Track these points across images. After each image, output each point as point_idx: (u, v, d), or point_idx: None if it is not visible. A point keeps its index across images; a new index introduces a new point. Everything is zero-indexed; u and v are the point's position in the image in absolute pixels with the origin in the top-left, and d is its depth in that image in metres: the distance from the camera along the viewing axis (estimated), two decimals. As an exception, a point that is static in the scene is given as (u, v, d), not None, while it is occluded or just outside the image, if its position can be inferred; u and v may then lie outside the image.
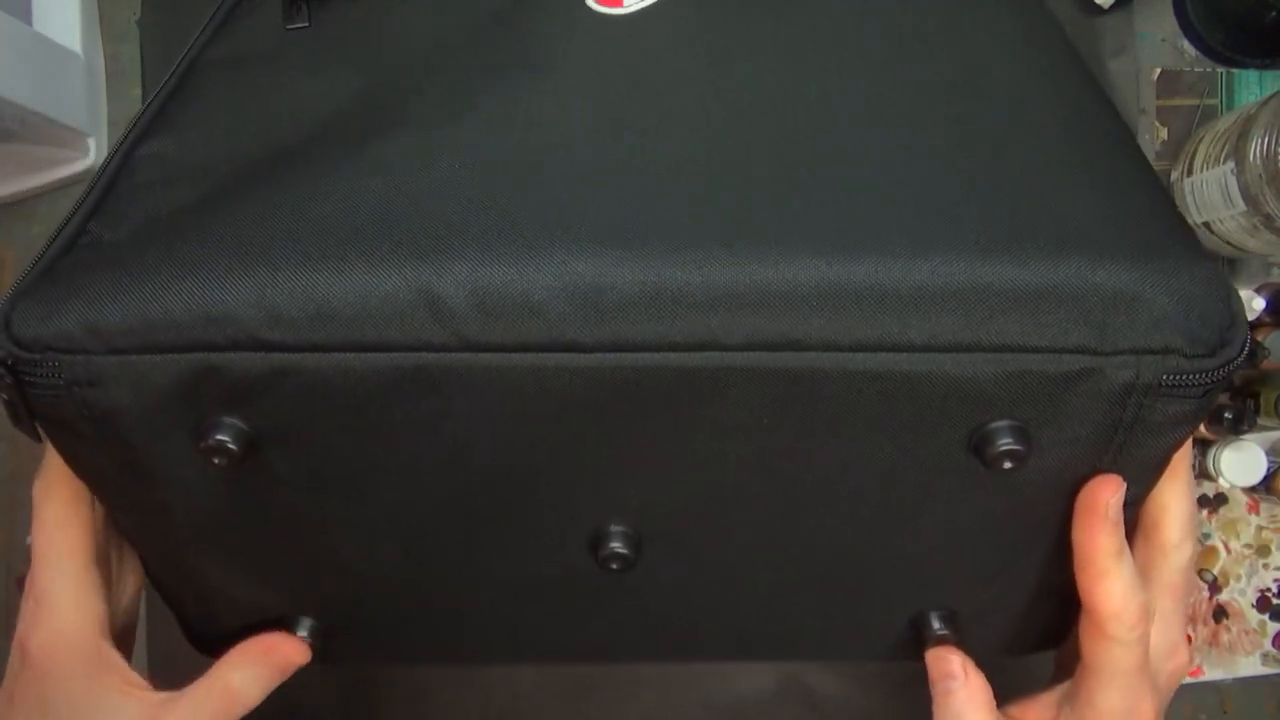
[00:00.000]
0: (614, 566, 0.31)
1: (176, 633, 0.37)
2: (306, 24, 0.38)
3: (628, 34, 0.35)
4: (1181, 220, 0.29)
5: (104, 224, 0.29)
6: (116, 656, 0.32)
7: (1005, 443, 0.27)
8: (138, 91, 0.59)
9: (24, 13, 0.55)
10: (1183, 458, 0.32)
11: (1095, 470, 0.29)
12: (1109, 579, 0.32)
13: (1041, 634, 0.36)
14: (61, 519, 0.32)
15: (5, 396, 0.27)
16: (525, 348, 0.26)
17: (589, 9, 0.36)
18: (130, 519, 0.32)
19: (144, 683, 0.33)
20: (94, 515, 0.33)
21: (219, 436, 0.27)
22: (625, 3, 0.36)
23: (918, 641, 0.35)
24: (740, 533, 0.32)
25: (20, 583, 0.58)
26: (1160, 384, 0.27)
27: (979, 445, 0.28)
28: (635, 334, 0.26)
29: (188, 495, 0.30)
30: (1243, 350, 0.27)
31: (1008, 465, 0.28)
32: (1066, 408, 0.27)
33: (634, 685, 0.55)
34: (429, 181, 0.28)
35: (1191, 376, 0.27)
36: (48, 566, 0.32)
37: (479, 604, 0.35)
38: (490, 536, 0.32)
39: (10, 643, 0.33)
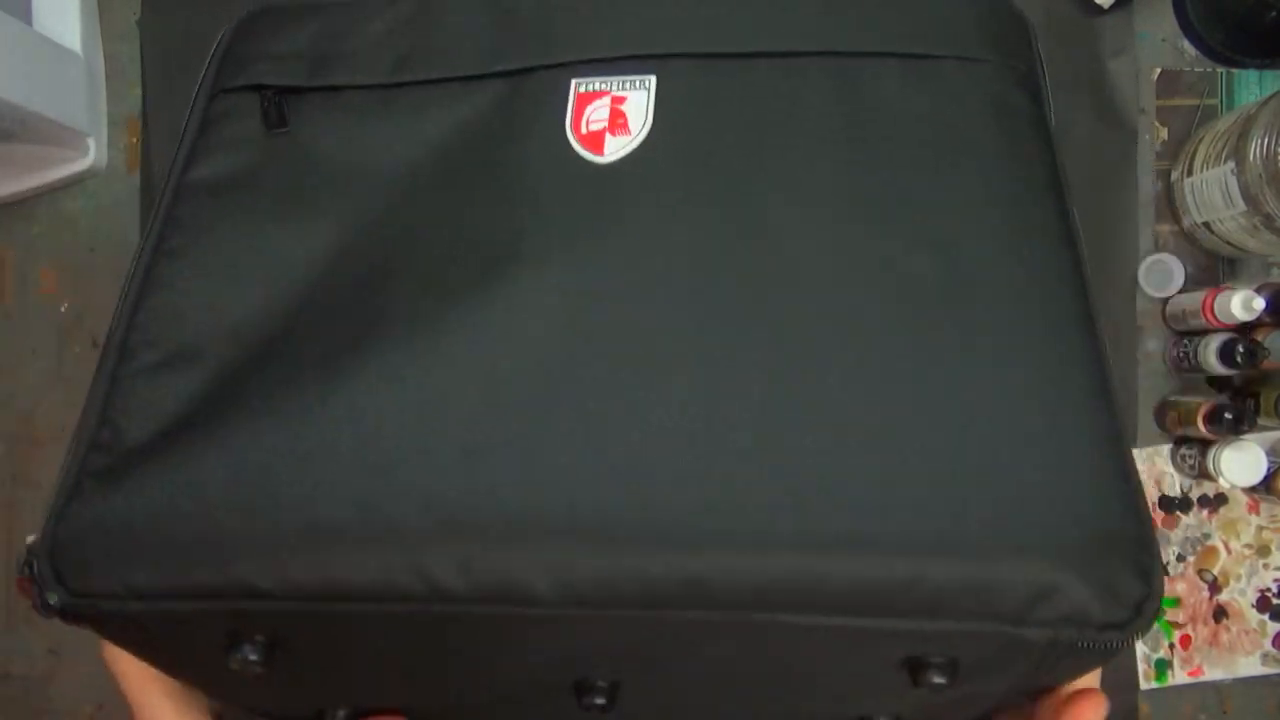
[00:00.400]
0: (594, 713, 0.34)
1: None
2: (287, 129, 0.39)
3: (607, 210, 0.35)
4: (1129, 480, 0.31)
5: (119, 422, 0.33)
6: None
7: (935, 674, 0.30)
8: (138, 91, 0.59)
9: (24, 13, 0.55)
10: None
11: (1018, 686, 0.32)
12: None
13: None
14: (140, 668, 0.36)
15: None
16: (492, 600, 0.29)
17: (572, 152, 0.36)
18: (176, 677, 0.37)
19: None
20: None
21: (244, 652, 0.31)
22: (606, 150, 0.36)
23: None
24: (705, 693, 0.36)
25: (20, 583, 0.58)
26: (1074, 646, 0.29)
27: (912, 669, 0.31)
28: (593, 592, 0.29)
29: (222, 676, 0.34)
30: (1155, 617, 0.30)
31: (936, 687, 0.31)
32: (991, 657, 0.30)
33: None
34: (402, 418, 0.31)
35: (1103, 644, 0.29)
36: (149, 710, 0.36)
37: (483, 712, 0.39)
38: (485, 692, 0.36)
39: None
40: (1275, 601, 0.57)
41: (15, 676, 0.57)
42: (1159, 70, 0.58)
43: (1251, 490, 0.55)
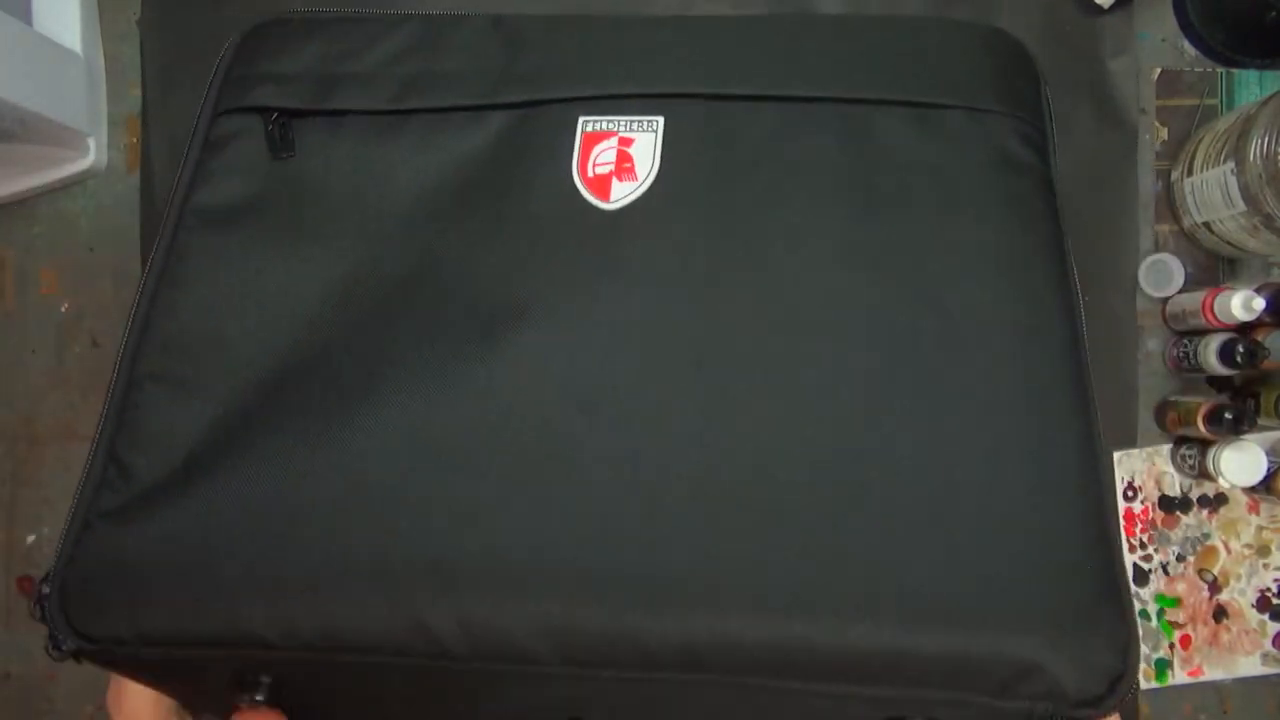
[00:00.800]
0: None
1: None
2: (292, 154, 0.38)
3: (611, 262, 0.35)
4: (1109, 557, 0.31)
5: (125, 460, 0.34)
6: None
7: None
8: (138, 92, 0.59)
9: (24, 13, 0.55)
10: None
11: None
12: None
13: None
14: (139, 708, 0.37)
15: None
16: (494, 659, 0.30)
17: (577, 196, 0.36)
18: (189, 707, 0.37)
19: None
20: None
21: (249, 692, 0.32)
22: (612, 196, 0.36)
23: None
24: None
25: (20, 583, 0.58)
26: (1049, 717, 0.31)
27: None
28: (592, 656, 0.30)
29: (230, 709, 0.35)
30: (1129, 692, 0.31)
31: None
32: None
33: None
34: (410, 494, 0.31)
35: (1077, 717, 0.31)
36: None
37: None
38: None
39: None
40: (1275, 601, 0.57)
41: (15, 676, 0.57)
42: (1159, 70, 0.58)
43: (1251, 490, 0.55)
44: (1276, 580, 0.58)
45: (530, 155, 0.37)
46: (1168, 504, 0.58)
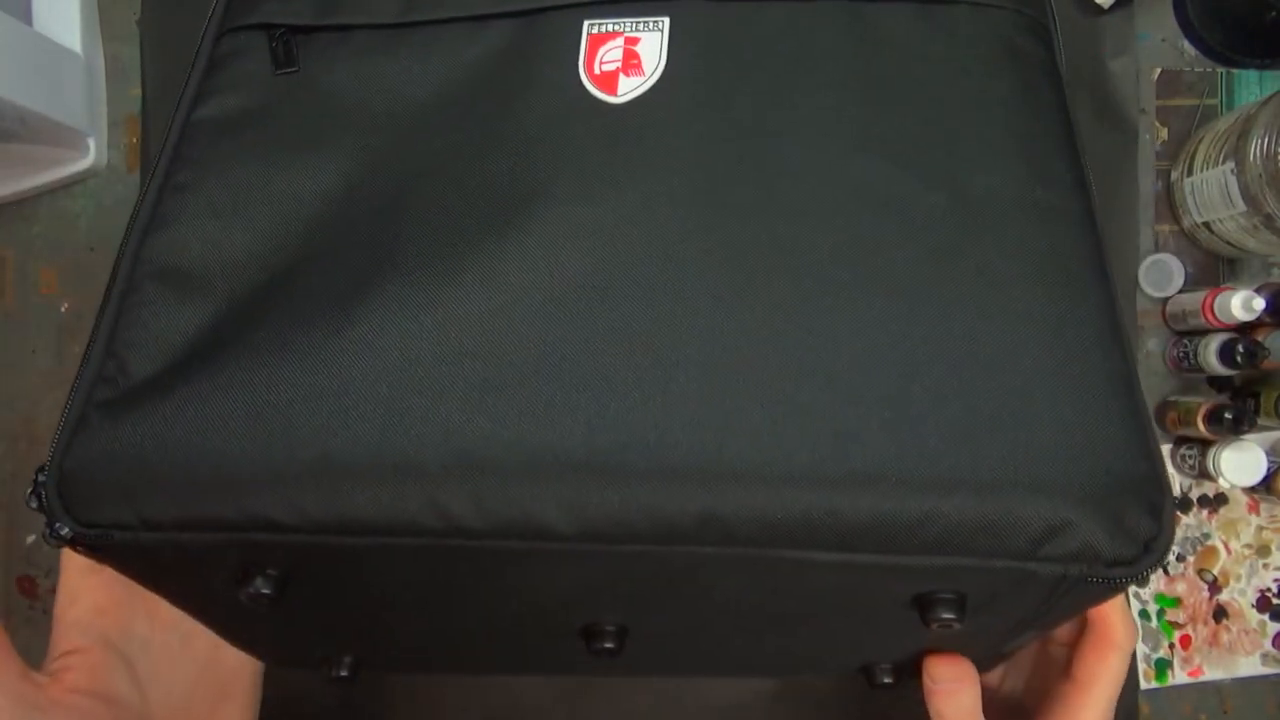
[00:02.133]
0: (601, 656, 0.35)
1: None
2: (296, 68, 0.38)
3: (621, 149, 0.35)
4: (1139, 419, 0.31)
5: (125, 354, 0.33)
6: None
7: (944, 612, 0.31)
8: (138, 91, 0.59)
9: (24, 13, 0.55)
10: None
11: (1025, 623, 0.33)
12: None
13: (983, 668, 0.41)
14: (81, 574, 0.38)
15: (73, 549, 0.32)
16: (511, 535, 0.29)
17: (585, 92, 0.36)
18: (186, 610, 0.37)
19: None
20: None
21: (255, 585, 0.31)
22: (620, 90, 0.36)
23: (869, 681, 0.40)
24: (713, 634, 0.36)
25: (20, 582, 0.58)
26: (1084, 581, 0.30)
27: (921, 606, 0.31)
28: (612, 528, 0.29)
29: (233, 609, 0.34)
30: (1165, 554, 0.30)
31: (944, 626, 0.31)
32: (999, 593, 0.31)
33: (633, 685, 0.55)
34: (418, 357, 0.31)
35: (1114, 581, 0.30)
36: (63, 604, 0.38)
37: (486, 657, 0.40)
38: (493, 631, 0.37)
39: (13, 642, 0.35)
40: (1275, 601, 0.57)
41: (15, 676, 0.57)
42: (1159, 70, 0.58)
43: (1251, 490, 0.55)
44: (1276, 580, 0.58)
45: (536, 58, 0.37)
46: (1168, 504, 0.58)
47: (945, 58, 0.36)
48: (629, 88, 0.36)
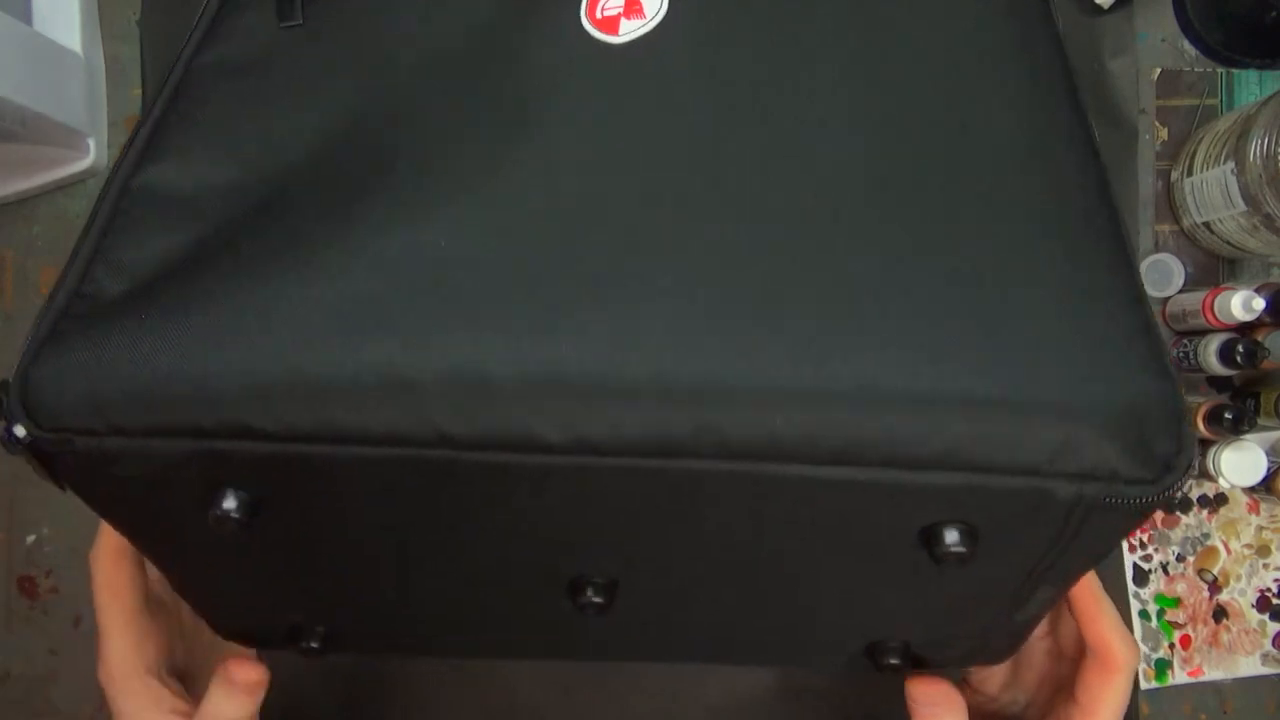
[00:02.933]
0: (590, 612, 0.34)
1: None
2: (300, 21, 0.38)
3: (621, 80, 0.35)
4: (1150, 332, 0.30)
5: (106, 271, 0.31)
6: (157, 686, 0.39)
7: (953, 544, 0.29)
8: (138, 92, 0.59)
9: (24, 13, 0.55)
10: (1091, 587, 0.37)
11: (1038, 563, 0.31)
12: (1106, 610, 0.37)
13: (990, 657, 0.39)
14: (109, 580, 0.38)
15: (30, 463, 0.30)
16: (500, 446, 0.28)
17: (586, 34, 0.36)
18: (148, 552, 0.36)
19: (185, 707, 0.39)
20: (142, 574, 0.39)
21: (224, 507, 0.30)
22: (621, 30, 0.36)
23: (874, 662, 0.38)
24: (706, 587, 0.34)
25: (20, 582, 0.58)
26: (1102, 503, 0.28)
27: (928, 541, 0.30)
28: (605, 437, 0.28)
29: (199, 542, 0.33)
30: (1187, 473, 0.29)
31: (953, 561, 0.30)
32: (1012, 519, 0.29)
33: (633, 685, 0.55)
34: (414, 267, 0.30)
35: (1133, 500, 0.28)
36: (99, 618, 0.39)
37: (468, 623, 0.38)
38: (476, 582, 0.35)
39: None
40: (1275, 601, 0.57)
41: (15, 676, 0.57)
42: (1159, 70, 0.58)
43: (1251, 490, 0.55)
44: (1276, 580, 0.58)
45: (538, 5, 0.37)
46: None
47: (945, 6, 0.37)
48: (630, 29, 0.36)
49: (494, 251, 0.30)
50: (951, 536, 0.29)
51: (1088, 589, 0.37)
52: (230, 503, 0.29)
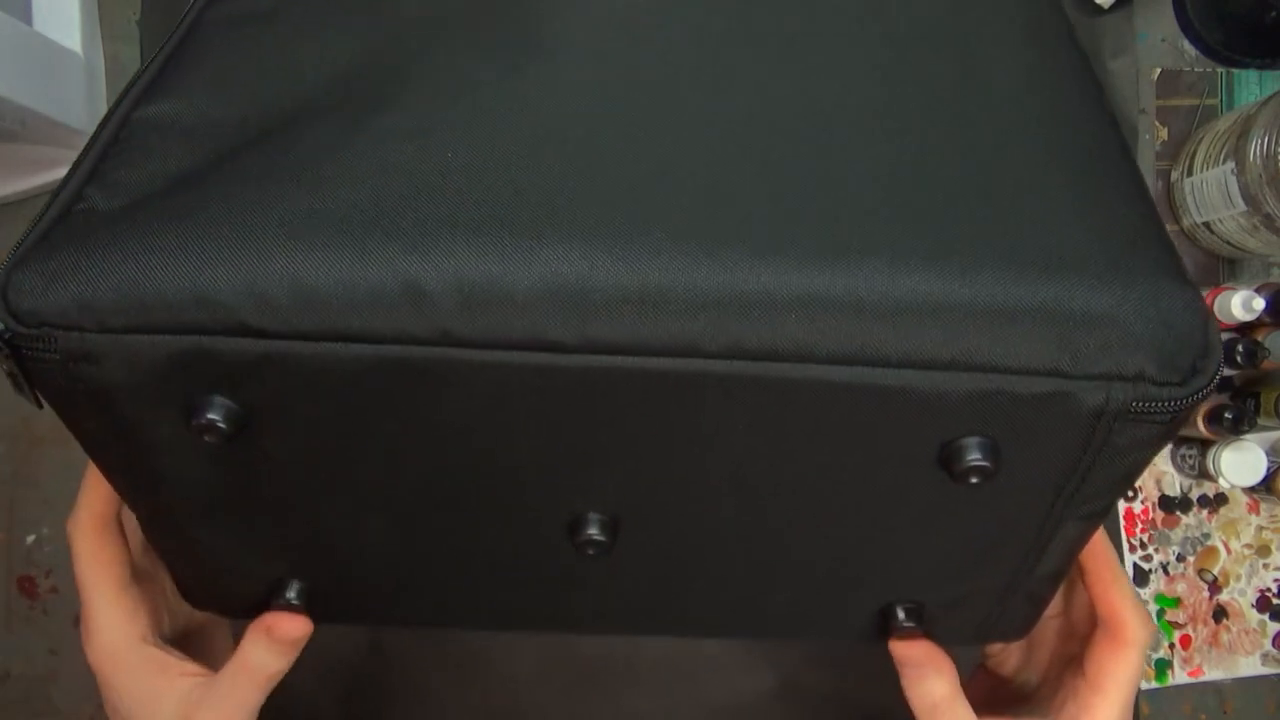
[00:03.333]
0: (590, 552, 0.32)
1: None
2: None
3: (630, 11, 0.34)
4: (1167, 243, 0.30)
5: (100, 190, 0.30)
6: (159, 653, 0.37)
7: (974, 459, 0.28)
8: (138, 91, 0.59)
9: (24, 13, 0.55)
10: (1108, 557, 0.36)
11: (1063, 486, 0.30)
12: (1121, 581, 0.35)
13: (1005, 628, 0.38)
14: (94, 552, 0.37)
15: (5, 368, 0.28)
16: (508, 345, 0.27)
17: None
18: (125, 485, 0.33)
19: (195, 668, 0.37)
20: (125, 544, 0.38)
21: (209, 415, 0.28)
22: None
23: (885, 630, 0.37)
24: (714, 527, 0.33)
25: (20, 582, 0.58)
26: (1130, 409, 0.27)
27: (948, 459, 0.28)
28: (616, 336, 0.27)
29: (180, 467, 0.31)
30: (1214, 378, 0.27)
31: (975, 480, 0.28)
32: (1036, 428, 0.28)
33: (633, 684, 0.55)
34: (421, 173, 0.29)
35: (1161, 404, 0.27)
36: (86, 592, 0.37)
37: (462, 576, 0.36)
38: (472, 517, 0.33)
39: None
40: (1275, 601, 0.57)
41: (15, 676, 0.57)
42: (1159, 70, 0.58)
43: (1251, 490, 0.55)
44: (1276, 580, 0.58)
45: None
46: (1168, 504, 0.58)
47: None
48: None
49: (503, 162, 0.29)
50: (972, 451, 0.28)
51: (1103, 556, 0.36)
52: (216, 412, 0.28)
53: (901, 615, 0.36)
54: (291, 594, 0.36)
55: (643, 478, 0.31)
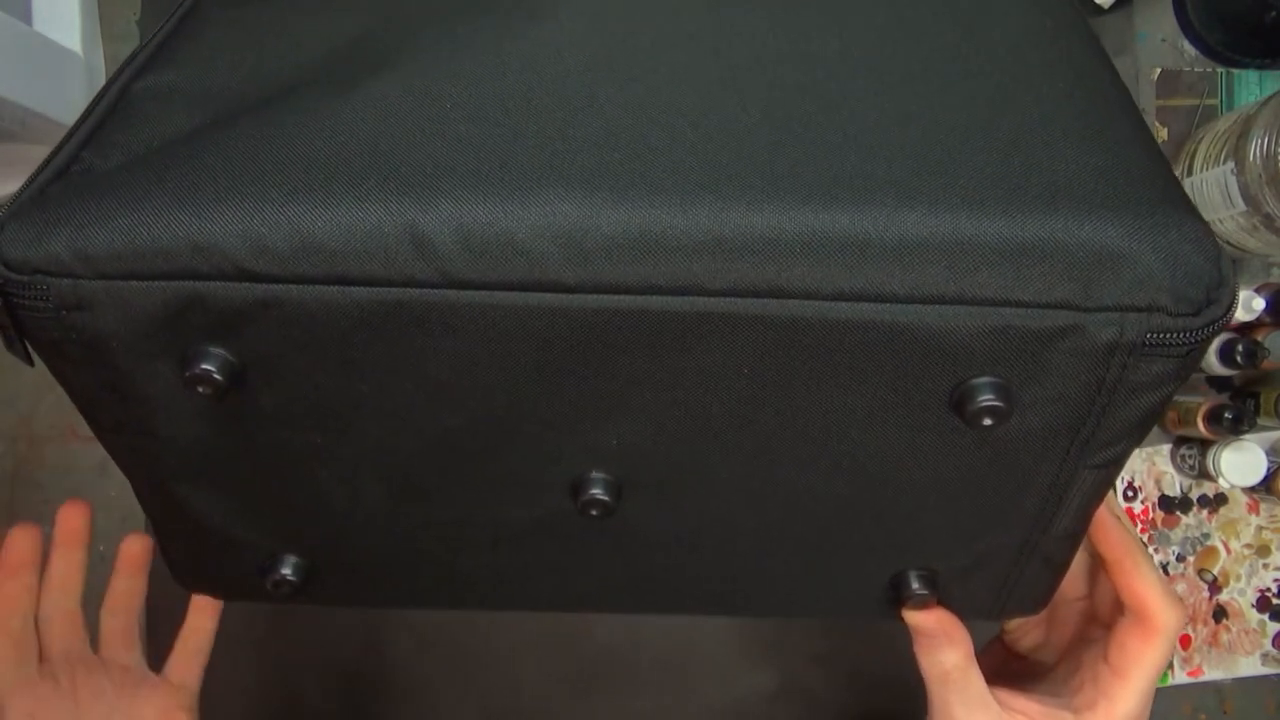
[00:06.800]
0: (594, 512, 0.32)
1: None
2: None
3: None
4: (1174, 179, 0.29)
5: (97, 152, 0.29)
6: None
7: (986, 399, 0.27)
8: (138, 91, 0.59)
9: (24, 13, 0.55)
10: (1128, 545, 0.35)
11: (1078, 430, 0.29)
12: (1145, 569, 0.34)
13: (1023, 598, 0.37)
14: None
15: None
16: (508, 286, 0.27)
17: None
18: (118, 443, 0.32)
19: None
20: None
21: (204, 366, 0.28)
22: None
23: (898, 601, 0.36)
24: (721, 483, 0.32)
25: (20, 583, 0.58)
26: (1144, 343, 0.27)
27: (960, 401, 0.28)
28: (618, 276, 0.26)
29: (173, 422, 0.30)
30: (1229, 310, 0.27)
31: (988, 422, 0.28)
32: (1049, 365, 0.27)
33: (634, 684, 0.55)
34: (420, 120, 0.29)
35: (1176, 335, 0.27)
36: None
37: (462, 547, 0.36)
38: (472, 477, 0.32)
39: None
40: (1275, 601, 0.57)
41: (15, 676, 0.57)
42: (1159, 70, 0.58)
43: (1251, 490, 0.55)
44: (1276, 580, 0.58)
45: None
46: (1168, 504, 0.58)
47: None
48: None
49: (502, 110, 0.29)
50: (984, 392, 0.27)
51: (1122, 545, 0.35)
52: (211, 363, 0.27)
53: (915, 583, 0.35)
54: (286, 569, 0.35)
55: (647, 428, 0.30)
